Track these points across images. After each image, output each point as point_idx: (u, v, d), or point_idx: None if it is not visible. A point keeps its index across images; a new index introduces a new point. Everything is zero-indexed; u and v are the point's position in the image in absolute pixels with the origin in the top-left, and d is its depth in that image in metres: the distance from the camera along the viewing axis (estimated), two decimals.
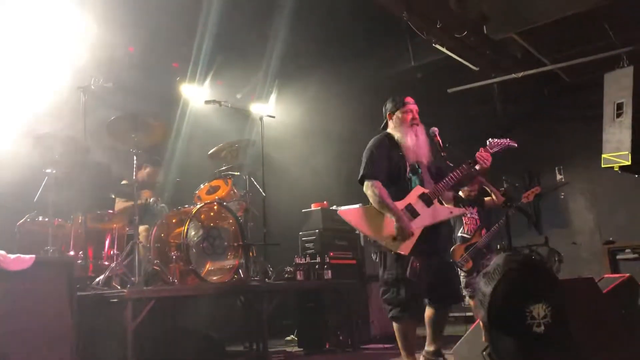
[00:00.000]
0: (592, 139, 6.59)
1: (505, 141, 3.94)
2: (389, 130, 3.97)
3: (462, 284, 5.77)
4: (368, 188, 3.74)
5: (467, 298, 6.06)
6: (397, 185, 3.77)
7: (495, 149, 3.88)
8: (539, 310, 1.52)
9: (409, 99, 3.94)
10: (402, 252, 3.60)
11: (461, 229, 5.77)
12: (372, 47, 8.01)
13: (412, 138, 3.83)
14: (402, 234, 3.60)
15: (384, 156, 3.81)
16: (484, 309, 1.59)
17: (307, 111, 8.34)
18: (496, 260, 1.65)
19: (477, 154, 3.81)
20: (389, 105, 3.99)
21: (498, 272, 1.59)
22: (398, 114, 3.90)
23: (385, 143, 3.88)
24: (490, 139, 3.94)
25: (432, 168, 3.92)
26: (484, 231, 5.58)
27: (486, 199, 5.72)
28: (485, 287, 1.59)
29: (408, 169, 3.79)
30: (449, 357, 3.36)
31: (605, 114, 6.01)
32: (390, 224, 3.64)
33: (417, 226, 3.68)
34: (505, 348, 1.57)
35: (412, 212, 3.70)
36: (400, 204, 3.70)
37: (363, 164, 3.83)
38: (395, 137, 3.87)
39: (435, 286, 3.69)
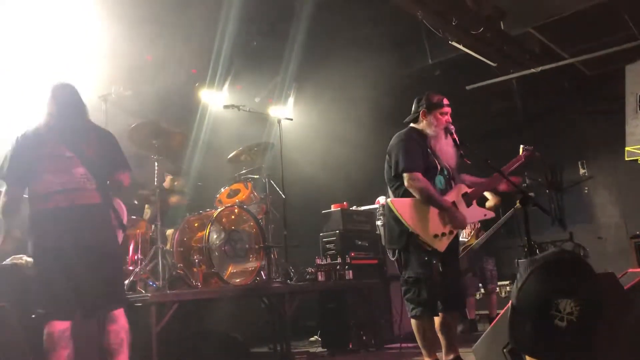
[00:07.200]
0: (614, 132, 6.51)
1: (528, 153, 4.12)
2: (416, 126, 3.90)
3: None
4: (410, 181, 3.64)
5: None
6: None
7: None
8: (566, 305, 1.51)
9: (446, 101, 3.86)
10: (439, 250, 3.61)
11: (462, 232, 5.79)
12: (389, 46, 7.99)
13: (445, 141, 3.80)
14: (458, 223, 3.65)
15: (417, 148, 3.74)
16: (517, 289, 1.60)
17: (324, 112, 8.35)
18: (544, 253, 1.70)
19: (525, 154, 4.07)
20: (425, 103, 3.85)
21: (541, 260, 1.60)
22: (435, 113, 3.81)
23: (415, 137, 3.81)
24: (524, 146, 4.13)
25: (455, 171, 3.92)
26: (482, 233, 5.62)
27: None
28: (524, 271, 1.60)
29: (438, 168, 3.77)
30: (469, 355, 3.34)
31: (628, 106, 5.93)
32: (435, 220, 3.63)
33: None
34: (524, 331, 1.57)
35: None
36: (446, 199, 3.71)
37: (399, 157, 3.71)
38: (427, 135, 3.81)
39: (449, 291, 3.71)
